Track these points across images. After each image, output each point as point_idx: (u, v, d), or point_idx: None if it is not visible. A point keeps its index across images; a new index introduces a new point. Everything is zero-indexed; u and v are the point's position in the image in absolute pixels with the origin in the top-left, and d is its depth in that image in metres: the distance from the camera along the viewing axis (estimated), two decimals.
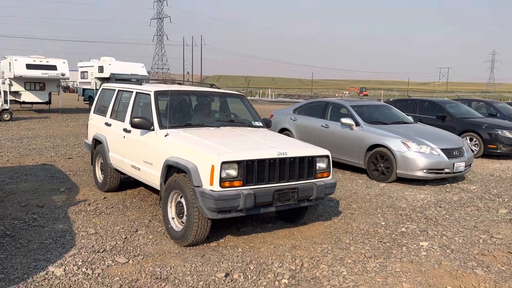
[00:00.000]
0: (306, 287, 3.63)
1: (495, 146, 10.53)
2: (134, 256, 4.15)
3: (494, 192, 7.32)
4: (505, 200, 6.84)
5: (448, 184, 7.80)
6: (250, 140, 4.77)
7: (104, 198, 6.11)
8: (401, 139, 7.61)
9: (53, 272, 3.74)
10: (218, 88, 6.45)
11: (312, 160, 4.65)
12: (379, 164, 7.84)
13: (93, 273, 3.75)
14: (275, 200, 4.31)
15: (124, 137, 5.65)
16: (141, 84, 5.93)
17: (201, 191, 4.07)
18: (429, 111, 11.79)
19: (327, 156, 4.81)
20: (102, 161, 6.41)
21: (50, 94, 21.08)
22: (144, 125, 4.99)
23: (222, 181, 4.03)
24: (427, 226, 5.40)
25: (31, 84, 20.37)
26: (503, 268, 4.17)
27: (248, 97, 56.51)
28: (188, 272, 3.83)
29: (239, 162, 4.12)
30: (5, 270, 3.73)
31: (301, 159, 4.56)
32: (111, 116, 6.22)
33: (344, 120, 8.45)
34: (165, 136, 4.81)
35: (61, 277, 3.65)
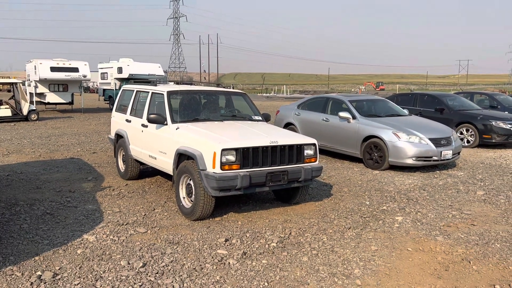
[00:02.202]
0: (291, 249, 4.46)
1: (490, 136, 11.11)
2: (152, 227, 5.04)
3: (478, 177, 7.98)
4: (486, 183, 7.51)
5: (437, 171, 8.49)
6: (248, 131, 5.60)
7: (126, 185, 7.03)
8: (392, 130, 8.33)
9: (87, 238, 4.65)
10: (224, 87, 7.34)
11: (300, 147, 5.45)
12: (373, 153, 8.57)
13: (119, 239, 4.65)
14: (268, 181, 5.12)
15: (142, 131, 6.52)
16: (156, 85, 6.81)
17: (205, 173, 4.91)
18: (429, 104, 12.41)
19: (314, 144, 5.60)
20: (123, 153, 7.31)
21: (72, 94, 22.30)
22: (159, 120, 5.85)
23: (222, 165, 4.87)
24: (407, 205, 6.15)
25: (55, 85, 21.62)
26: (462, 236, 4.91)
27: (264, 94, 57.25)
28: (196, 238, 4.69)
29: (236, 149, 4.94)
30: (49, 238, 4.66)
31: (291, 146, 5.36)
32: (130, 114, 7.09)
33: (342, 114, 9.20)
34: (176, 129, 5.67)
35: (93, 242, 4.56)
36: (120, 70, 24.46)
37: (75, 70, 21.46)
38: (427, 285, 3.72)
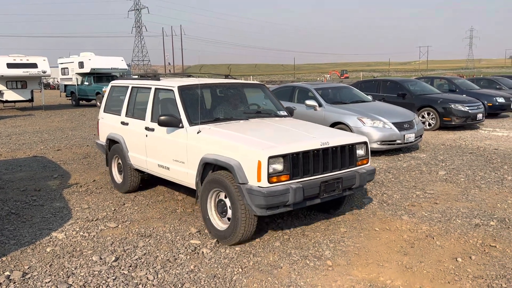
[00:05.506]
0: (263, 234, 4.53)
1: (450, 119, 11.57)
2: (123, 222, 4.99)
3: (440, 158, 8.32)
4: (447, 164, 7.84)
5: (401, 154, 8.78)
6: (287, 131, 4.68)
7: (94, 181, 6.91)
8: (357, 116, 8.54)
9: (56, 236, 4.56)
10: (234, 79, 6.26)
11: (352, 148, 4.55)
12: None
13: (89, 235, 4.59)
14: (322, 192, 4.21)
15: (146, 136, 5.45)
16: (159, 79, 5.75)
17: (247, 188, 3.94)
18: (391, 90, 12.76)
19: (365, 143, 4.71)
20: (119, 161, 6.28)
21: (32, 91, 21.55)
22: (172, 123, 4.79)
23: (270, 176, 3.91)
24: (373, 187, 6.34)
25: (12, 83, 20.82)
26: (425, 214, 5.13)
27: None
28: (168, 230, 4.69)
29: (284, 156, 3.99)
30: (16, 237, 4.54)
31: (342, 147, 4.46)
32: (127, 115, 5.99)
33: (308, 102, 9.34)
34: (198, 133, 4.64)
35: (63, 239, 4.48)
36: (81, 64, 23.81)
37: (34, 66, 20.72)
38: (394, 262, 3.89)
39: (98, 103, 22.47)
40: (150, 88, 5.62)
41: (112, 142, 6.38)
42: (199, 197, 4.55)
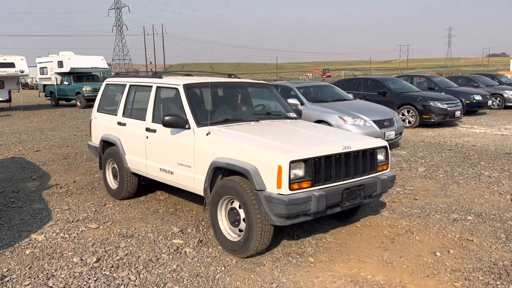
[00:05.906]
0: None
1: (429, 116, 11.79)
2: (104, 222, 4.95)
3: (420, 155, 8.47)
4: (427, 160, 7.99)
5: None
6: (304, 134, 4.47)
7: (74, 181, 6.82)
8: (339, 114, 8.64)
9: (35, 238, 4.49)
10: (239, 78, 5.95)
11: (373, 152, 4.28)
12: None
13: (69, 236, 4.53)
14: (344, 200, 3.93)
15: (147, 137, 5.10)
16: (160, 77, 5.37)
17: (266, 195, 3.63)
18: (372, 88, 12.93)
19: (385, 147, 4.43)
20: (115, 165, 5.86)
21: (9, 92, 21.10)
22: (178, 123, 4.49)
23: (290, 183, 3.61)
24: None
25: None
26: (405, 210, 5.23)
27: None
28: (150, 230, 4.67)
29: (305, 160, 3.70)
30: None
31: (364, 152, 4.18)
32: (124, 115, 5.63)
33: (290, 100, 9.35)
34: (207, 134, 4.32)
35: (42, 241, 4.41)
36: (60, 64, 23.42)
37: (11, 65, 20.28)
38: (375, 257, 3.95)
39: (78, 103, 22.16)
40: (151, 86, 5.26)
41: (106, 144, 5.99)
42: (208, 205, 4.28)
